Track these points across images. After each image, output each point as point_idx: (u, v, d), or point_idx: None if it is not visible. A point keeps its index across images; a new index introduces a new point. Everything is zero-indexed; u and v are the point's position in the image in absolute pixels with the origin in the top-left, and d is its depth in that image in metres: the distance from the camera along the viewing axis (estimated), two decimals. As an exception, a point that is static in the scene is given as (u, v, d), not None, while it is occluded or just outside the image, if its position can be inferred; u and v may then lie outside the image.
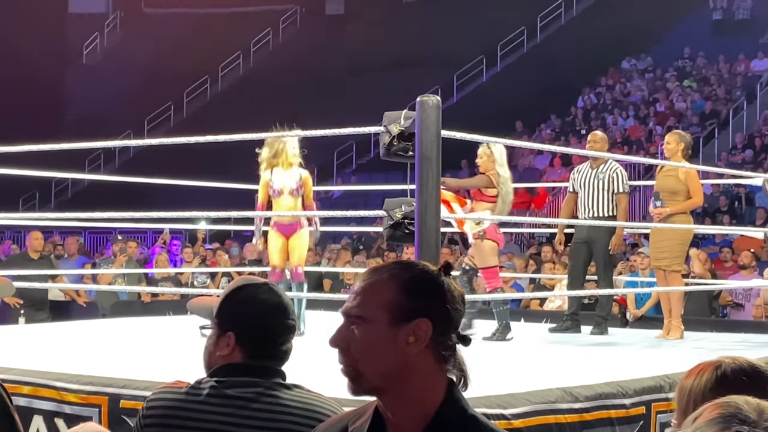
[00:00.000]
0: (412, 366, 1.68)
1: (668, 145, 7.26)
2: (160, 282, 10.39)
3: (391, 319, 1.69)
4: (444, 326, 1.70)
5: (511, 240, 15.36)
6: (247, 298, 2.33)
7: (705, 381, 1.80)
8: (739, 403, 1.31)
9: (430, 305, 1.70)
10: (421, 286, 1.71)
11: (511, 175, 7.51)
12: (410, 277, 1.72)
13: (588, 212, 7.53)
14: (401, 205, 4.48)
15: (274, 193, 7.14)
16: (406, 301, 1.69)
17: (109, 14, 32.38)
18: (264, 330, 2.30)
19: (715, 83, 21.55)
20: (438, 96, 16.21)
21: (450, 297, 1.72)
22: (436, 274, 1.74)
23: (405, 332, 1.68)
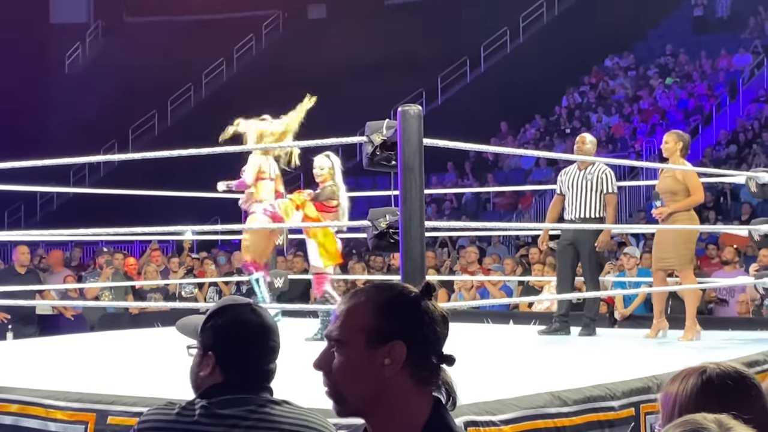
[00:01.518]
0: (391, 388, 1.70)
1: (666, 144, 7.28)
2: (148, 293, 10.37)
3: (367, 341, 1.71)
4: (422, 348, 1.71)
5: (498, 241, 15.37)
6: (228, 320, 2.34)
7: (691, 386, 1.81)
8: (698, 419, 1.35)
9: (405, 328, 1.71)
10: (397, 308, 1.73)
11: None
12: (386, 300, 1.74)
13: (576, 213, 7.53)
14: (385, 215, 4.50)
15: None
16: (381, 324, 1.71)
17: (91, 24, 32.28)
18: (244, 352, 2.31)
19: (697, 79, 21.64)
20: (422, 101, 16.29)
21: (428, 319, 1.72)
22: (413, 296, 1.75)
23: (380, 355, 1.70)
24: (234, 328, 2.32)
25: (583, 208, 7.51)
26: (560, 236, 7.73)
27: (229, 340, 2.31)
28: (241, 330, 2.32)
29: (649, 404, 4.85)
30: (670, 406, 1.80)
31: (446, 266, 12.07)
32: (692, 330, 7.10)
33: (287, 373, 2.76)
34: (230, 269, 11.84)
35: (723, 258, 11.16)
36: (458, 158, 20.62)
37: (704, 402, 1.73)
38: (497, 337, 7.95)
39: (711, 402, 1.70)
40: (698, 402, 1.75)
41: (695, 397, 1.77)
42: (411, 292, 1.76)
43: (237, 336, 2.31)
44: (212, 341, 2.34)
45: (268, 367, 2.34)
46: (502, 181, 19.70)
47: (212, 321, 2.37)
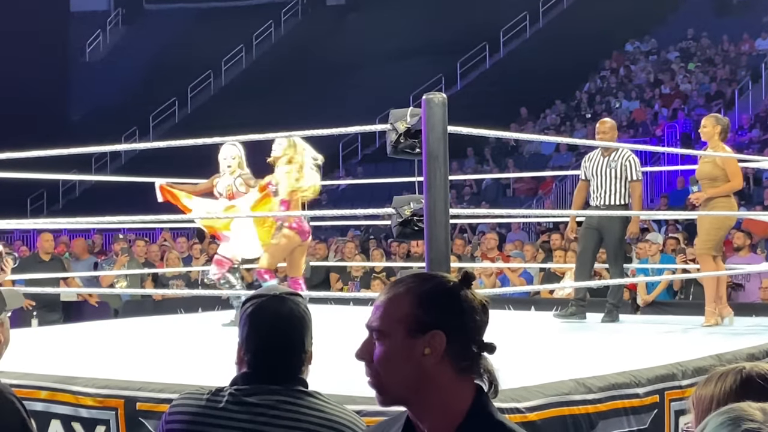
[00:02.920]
0: (432, 377, 1.72)
1: (704, 128, 7.22)
2: (170, 280, 10.42)
3: (407, 332, 1.73)
4: (461, 337, 1.73)
5: (519, 228, 15.36)
6: (256, 308, 2.35)
7: (729, 385, 1.81)
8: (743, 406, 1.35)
9: (445, 317, 1.73)
10: (436, 299, 1.74)
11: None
12: (425, 290, 1.75)
13: (600, 200, 7.49)
14: (410, 202, 4.49)
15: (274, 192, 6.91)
16: (420, 314, 1.73)
17: (111, 11, 32.39)
18: (270, 341, 2.31)
19: (719, 63, 21.49)
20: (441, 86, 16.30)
21: (467, 308, 1.74)
22: (452, 285, 1.76)
23: (421, 344, 1.72)
24: (261, 317, 2.32)
25: (609, 194, 7.48)
26: (584, 221, 7.70)
27: (255, 329, 2.32)
28: (268, 319, 2.32)
29: (674, 391, 4.85)
30: (706, 405, 1.80)
31: (467, 252, 12.07)
32: (713, 315, 7.08)
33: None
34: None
35: (735, 244, 11.12)
36: (478, 144, 20.58)
37: (744, 400, 1.73)
38: (519, 324, 7.95)
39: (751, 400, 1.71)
40: (738, 401, 1.76)
41: (734, 396, 1.77)
42: (450, 281, 1.78)
43: (263, 325, 2.32)
44: (241, 329, 2.36)
45: (298, 357, 2.34)
46: (523, 166, 19.65)
47: (243, 309, 2.39)
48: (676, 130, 19.32)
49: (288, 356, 2.32)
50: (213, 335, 7.13)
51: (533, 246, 11.36)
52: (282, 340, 2.32)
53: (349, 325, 6.31)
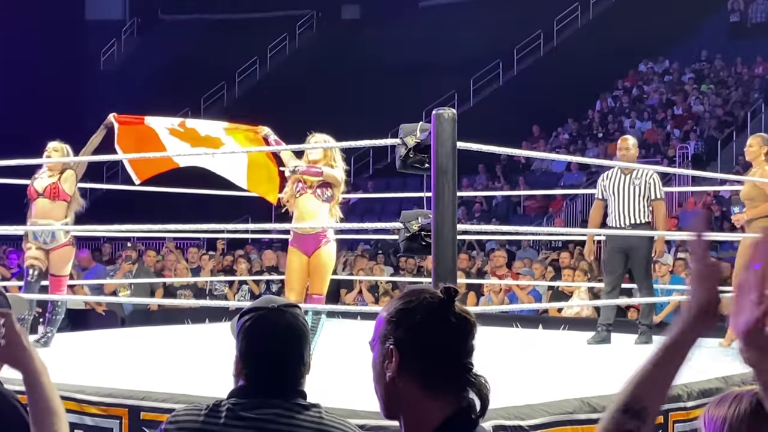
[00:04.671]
0: (398, 393, 1.73)
1: (750, 148, 7.14)
2: (178, 290, 10.43)
3: (380, 347, 1.76)
4: (428, 354, 1.72)
5: (528, 245, 15.33)
6: (253, 321, 2.33)
7: (744, 408, 1.80)
8: None
9: (401, 333, 1.74)
10: (400, 313, 1.76)
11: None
12: (396, 305, 1.78)
13: (624, 220, 7.37)
14: (417, 217, 4.50)
15: (297, 191, 6.10)
16: (388, 329, 1.75)
17: (126, 21, 32.54)
18: (267, 353, 2.29)
19: (732, 86, 21.46)
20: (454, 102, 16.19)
21: (437, 324, 1.73)
22: (424, 303, 1.75)
23: (386, 360, 1.74)
24: (258, 329, 2.30)
25: (632, 213, 7.36)
26: (607, 243, 7.62)
27: (252, 341, 2.30)
28: (265, 331, 2.30)
29: (678, 412, 4.83)
30: (718, 426, 1.79)
31: (475, 267, 12.06)
32: (731, 336, 7.05)
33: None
34: (261, 267, 11.88)
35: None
36: (489, 160, 20.57)
37: (758, 424, 1.73)
38: (527, 342, 7.93)
39: (765, 424, 1.70)
40: (751, 424, 1.75)
41: (748, 419, 1.76)
42: (421, 297, 1.77)
43: (260, 337, 2.30)
44: (238, 342, 2.34)
45: (298, 369, 2.33)
46: (533, 184, 19.63)
47: (240, 321, 2.37)
48: (687, 151, 19.30)
49: (287, 369, 2.31)
50: (218, 346, 7.13)
51: (542, 264, 11.33)
52: (281, 352, 2.30)
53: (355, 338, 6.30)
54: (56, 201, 6.91)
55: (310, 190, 6.08)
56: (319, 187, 6.08)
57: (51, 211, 6.88)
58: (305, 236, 6.07)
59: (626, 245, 7.33)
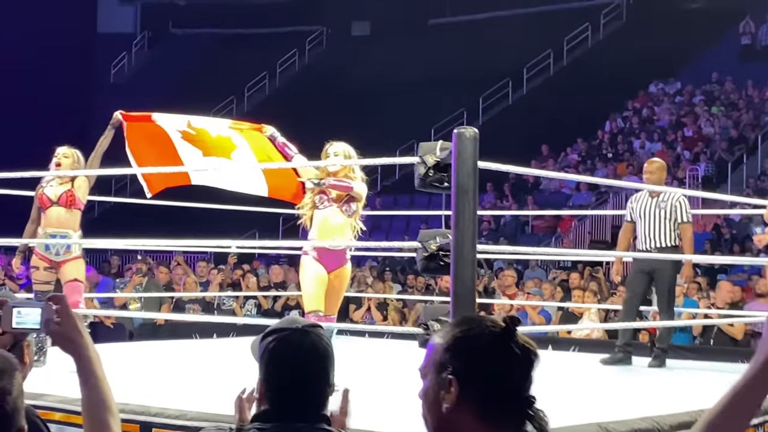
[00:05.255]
0: (454, 425, 1.69)
1: None
2: (187, 304, 10.39)
3: (435, 376, 1.72)
4: (483, 385, 1.69)
5: (536, 265, 15.27)
6: (275, 341, 2.27)
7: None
8: None
9: (461, 363, 1.70)
10: (459, 343, 1.72)
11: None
12: (454, 334, 1.74)
13: (650, 242, 7.36)
14: (436, 237, 4.46)
15: (320, 201, 5.83)
16: (446, 358, 1.71)
17: (137, 34, 32.63)
18: (290, 376, 2.24)
19: (743, 108, 21.42)
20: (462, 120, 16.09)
21: (497, 356, 1.69)
22: (486, 332, 1.71)
23: (441, 389, 1.70)
24: (281, 352, 2.25)
25: (659, 236, 7.35)
26: (632, 264, 7.61)
27: (274, 363, 2.25)
28: (288, 353, 2.25)
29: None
30: None
31: (482, 286, 12.01)
32: None
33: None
34: (268, 283, 11.83)
35: (757, 290, 10.97)
36: (498, 179, 20.52)
37: None
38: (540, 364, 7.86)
39: None
40: None
41: None
42: (482, 325, 1.73)
43: (284, 360, 2.24)
44: (260, 363, 2.29)
45: (322, 392, 2.27)
46: (542, 203, 19.57)
47: (262, 343, 2.32)
48: (698, 173, 19.24)
49: (312, 392, 2.25)
50: (227, 361, 7.08)
51: (551, 284, 11.27)
52: (306, 375, 2.25)
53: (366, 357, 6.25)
54: (72, 209, 6.64)
55: (336, 204, 5.83)
56: (345, 201, 5.85)
57: (67, 221, 6.61)
58: (330, 251, 5.80)
59: (651, 267, 7.32)
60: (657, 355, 7.47)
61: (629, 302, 7.51)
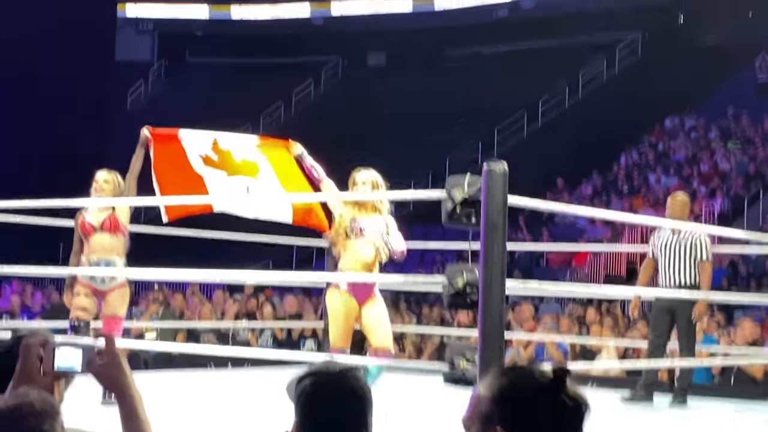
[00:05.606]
0: None
1: None
2: (202, 333, 10.34)
3: (481, 427, 1.69)
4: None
5: (552, 299, 15.18)
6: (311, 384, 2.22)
7: None
8: None
9: (515, 414, 1.66)
10: (509, 392, 1.68)
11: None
12: (500, 385, 1.70)
13: (670, 280, 7.32)
14: (462, 272, 4.41)
15: (353, 232, 5.72)
16: (491, 409, 1.68)
17: (154, 62, 32.84)
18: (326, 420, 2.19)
19: (759, 144, 21.35)
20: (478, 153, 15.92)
21: (548, 408, 1.64)
22: (535, 383, 1.67)
23: None
24: (318, 395, 2.21)
25: (678, 274, 7.29)
26: (654, 302, 7.54)
27: (311, 406, 2.21)
28: (325, 397, 2.21)
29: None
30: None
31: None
32: None
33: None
34: (283, 314, 11.76)
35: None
36: (512, 211, 20.40)
37: None
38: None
39: None
40: None
41: None
42: (531, 375, 1.69)
43: (321, 404, 2.20)
44: (296, 405, 2.25)
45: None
46: (557, 236, 19.49)
47: (299, 384, 2.27)
48: (714, 208, 19.15)
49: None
50: (243, 393, 7.02)
51: (569, 319, 11.18)
52: (342, 418, 2.20)
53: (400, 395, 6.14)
54: (116, 235, 6.37)
55: (368, 234, 5.75)
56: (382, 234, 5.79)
57: (112, 247, 6.32)
58: (360, 283, 5.68)
59: (672, 305, 7.26)
60: (678, 394, 7.39)
61: (654, 343, 7.42)
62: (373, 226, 5.75)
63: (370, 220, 5.77)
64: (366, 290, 5.71)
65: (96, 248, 6.32)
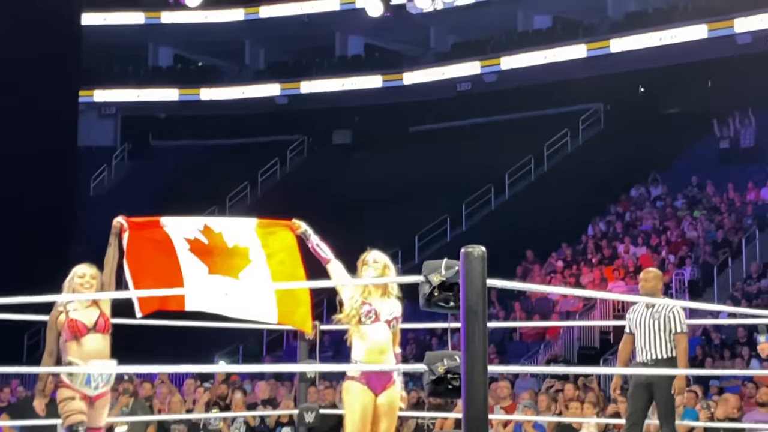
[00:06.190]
0: None
1: None
2: (172, 425, 10.05)
3: None
4: None
5: (527, 375, 15.00)
6: None
7: None
8: None
9: None
10: None
11: None
12: None
13: (647, 355, 7.24)
14: (443, 359, 4.26)
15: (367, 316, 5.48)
16: None
17: (117, 146, 32.69)
18: None
19: (725, 212, 21.47)
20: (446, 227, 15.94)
21: None
22: None
23: None
24: None
25: (655, 348, 7.21)
26: (632, 377, 7.44)
27: None
28: None
29: None
30: None
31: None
32: None
33: None
34: (255, 400, 11.51)
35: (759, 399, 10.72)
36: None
37: None
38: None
39: None
40: None
41: None
42: None
43: None
44: None
45: None
46: (529, 310, 19.38)
47: None
48: (684, 277, 19.15)
49: None
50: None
51: (547, 396, 10.99)
52: None
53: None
54: (106, 335, 5.99)
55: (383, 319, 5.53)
56: (394, 318, 5.55)
57: (105, 349, 5.95)
58: (377, 372, 5.43)
59: (649, 380, 7.16)
60: None
61: (632, 418, 7.31)
62: (385, 308, 5.54)
63: (382, 303, 5.54)
64: (384, 379, 5.48)
65: (90, 352, 5.91)
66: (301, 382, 8.71)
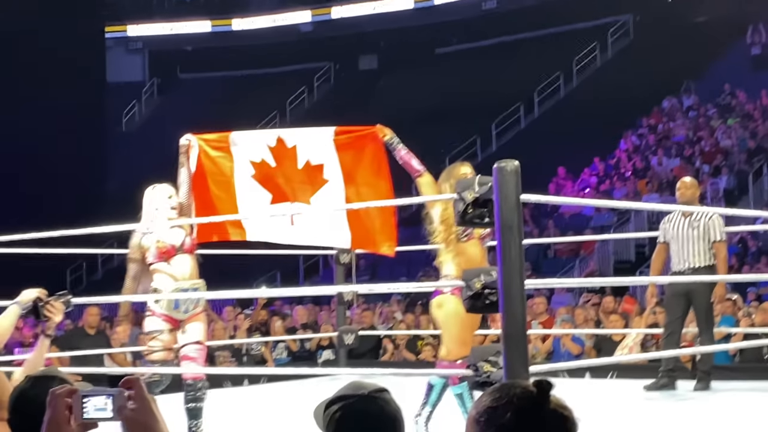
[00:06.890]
0: None
1: None
2: (215, 351, 10.25)
3: None
4: None
5: (563, 290, 15.08)
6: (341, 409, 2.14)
7: None
8: None
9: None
10: (490, 413, 1.58)
11: None
12: (485, 402, 1.60)
13: (685, 263, 7.25)
14: (480, 275, 4.33)
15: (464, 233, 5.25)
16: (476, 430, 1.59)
17: (146, 82, 32.77)
18: None
19: (758, 119, 21.25)
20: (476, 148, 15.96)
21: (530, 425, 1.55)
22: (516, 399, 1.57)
23: None
24: (348, 421, 2.12)
25: (692, 257, 7.23)
26: (668, 286, 7.48)
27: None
28: (355, 422, 2.12)
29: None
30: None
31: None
32: None
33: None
34: (293, 324, 11.68)
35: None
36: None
37: None
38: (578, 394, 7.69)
39: None
40: None
41: None
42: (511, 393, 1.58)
43: (349, 428, 2.12)
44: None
45: None
46: (563, 226, 19.39)
47: (326, 411, 2.19)
48: (719, 186, 19.05)
49: None
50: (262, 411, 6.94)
51: (584, 309, 11.08)
52: None
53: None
54: (194, 256, 5.76)
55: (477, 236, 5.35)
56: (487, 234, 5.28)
57: (194, 270, 5.70)
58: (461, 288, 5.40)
59: (687, 289, 7.18)
60: (701, 378, 7.32)
61: (668, 326, 7.37)
62: None
63: None
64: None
65: (180, 272, 5.68)
66: (339, 305, 8.87)
